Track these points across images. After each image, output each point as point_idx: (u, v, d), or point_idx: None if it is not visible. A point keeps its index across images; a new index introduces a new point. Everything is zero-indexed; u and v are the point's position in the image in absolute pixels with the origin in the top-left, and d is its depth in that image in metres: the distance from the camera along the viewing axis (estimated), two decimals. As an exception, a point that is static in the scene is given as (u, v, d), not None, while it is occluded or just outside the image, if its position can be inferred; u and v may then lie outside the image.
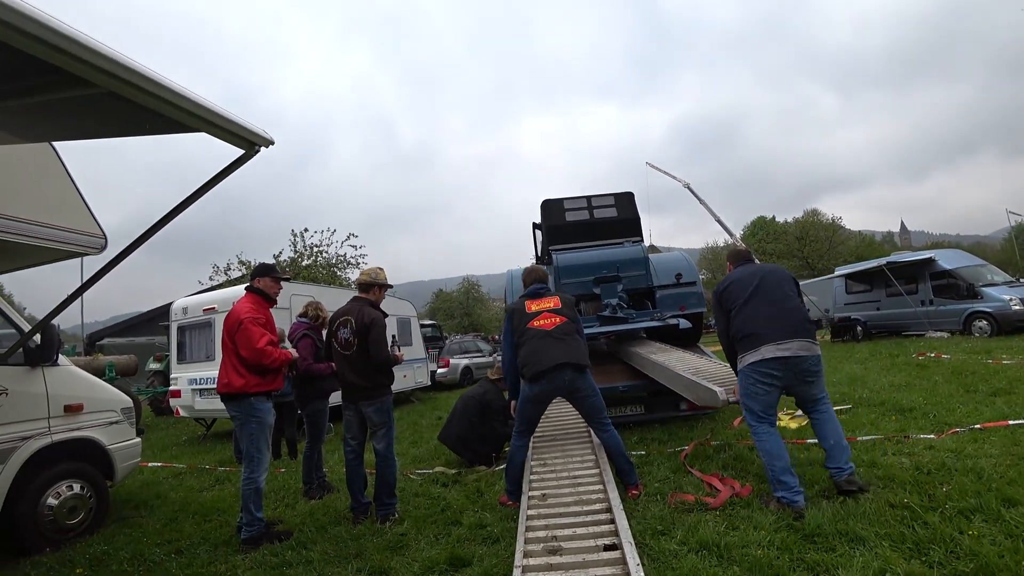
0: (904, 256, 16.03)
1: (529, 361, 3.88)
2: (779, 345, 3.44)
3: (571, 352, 3.86)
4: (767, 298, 3.63)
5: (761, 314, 3.56)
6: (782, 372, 3.46)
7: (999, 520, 2.89)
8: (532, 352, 3.90)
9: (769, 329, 3.49)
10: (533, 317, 4.04)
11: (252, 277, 4.10)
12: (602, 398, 4.02)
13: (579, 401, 3.99)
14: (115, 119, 2.11)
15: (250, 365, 3.73)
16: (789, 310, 3.59)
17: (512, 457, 4.03)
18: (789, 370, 3.46)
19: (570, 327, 4.00)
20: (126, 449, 4.49)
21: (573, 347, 3.90)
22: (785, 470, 3.37)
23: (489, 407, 5.42)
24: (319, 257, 21.30)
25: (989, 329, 12.47)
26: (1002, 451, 4.02)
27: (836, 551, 2.73)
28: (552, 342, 3.89)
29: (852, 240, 52.41)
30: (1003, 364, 8.04)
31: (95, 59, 1.49)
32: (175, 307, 9.22)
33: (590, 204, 8.30)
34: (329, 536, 3.66)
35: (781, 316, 3.54)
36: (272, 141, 2.01)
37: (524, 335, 3.99)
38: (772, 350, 3.44)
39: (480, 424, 5.34)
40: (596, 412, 3.98)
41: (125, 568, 3.36)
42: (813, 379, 3.54)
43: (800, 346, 3.45)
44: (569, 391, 3.90)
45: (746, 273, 3.84)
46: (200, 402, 8.35)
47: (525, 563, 2.68)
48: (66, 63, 1.51)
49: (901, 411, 5.73)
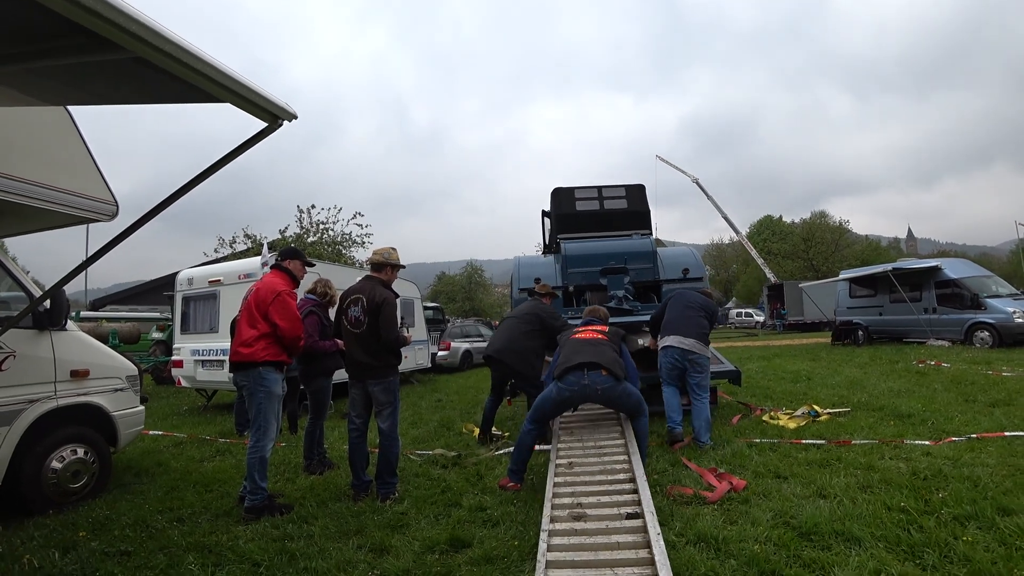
0: (910, 263, 15.99)
1: (561, 360, 4.25)
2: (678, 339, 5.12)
3: (600, 355, 4.13)
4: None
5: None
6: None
7: (993, 528, 2.92)
8: (565, 353, 4.30)
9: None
10: (578, 333, 4.57)
11: (281, 258, 4.26)
12: (638, 396, 4.21)
13: (618, 406, 4.27)
14: (139, 86, 2.10)
15: (280, 335, 3.86)
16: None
17: (521, 440, 4.11)
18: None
19: (607, 342, 4.35)
20: (130, 416, 4.53)
21: (603, 352, 4.18)
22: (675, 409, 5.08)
23: (545, 316, 5.48)
24: (325, 235, 21.29)
25: (991, 340, 12.47)
26: (998, 461, 4.04)
27: (832, 550, 2.76)
28: (584, 346, 4.28)
29: (858, 244, 52.27)
30: (1003, 376, 8.06)
31: (127, 23, 1.48)
32: (181, 277, 9.25)
33: (601, 194, 8.27)
34: (330, 511, 3.70)
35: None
36: (295, 115, 2.00)
37: (565, 344, 4.46)
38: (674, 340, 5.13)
39: (540, 335, 5.36)
40: (634, 408, 4.17)
41: (127, 533, 3.40)
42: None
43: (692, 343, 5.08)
44: (605, 400, 4.15)
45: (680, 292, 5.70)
46: (202, 373, 8.40)
47: (552, 527, 2.80)
48: (97, 25, 1.50)
49: (899, 417, 5.75)
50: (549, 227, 9.12)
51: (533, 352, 5.33)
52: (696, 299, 5.45)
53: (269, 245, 13.25)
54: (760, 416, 6.16)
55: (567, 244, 7.54)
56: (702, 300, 5.47)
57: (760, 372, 10.39)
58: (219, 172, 2.22)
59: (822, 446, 4.71)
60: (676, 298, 5.53)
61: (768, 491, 3.67)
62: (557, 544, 2.67)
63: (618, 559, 2.51)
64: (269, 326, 3.87)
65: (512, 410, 7.40)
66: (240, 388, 4.01)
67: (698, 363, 5.11)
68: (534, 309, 5.60)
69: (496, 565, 2.81)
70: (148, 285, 23.03)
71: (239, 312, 4.17)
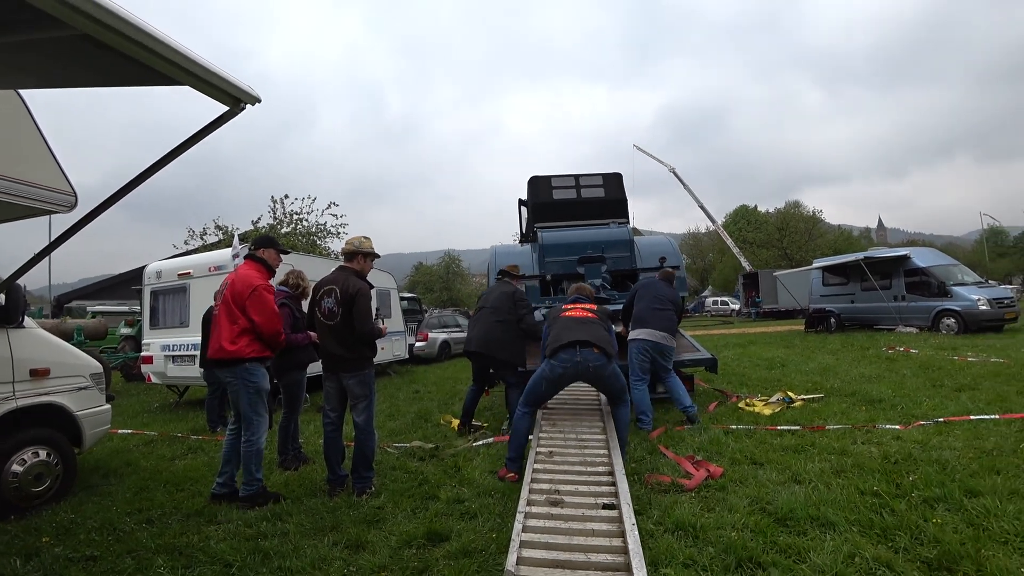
0: (881, 252, 16.38)
1: (552, 338, 4.22)
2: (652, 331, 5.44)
3: (593, 333, 4.11)
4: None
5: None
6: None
7: (961, 509, 3.00)
8: (556, 332, 4.26)
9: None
10: (567, 311, 4.51)
11: (255, 247, 4.12)
12: (624, 380, 4.24)
13: (604, 387, 4.20)
14: (90, 67, 1.98)
15: (258, 331, 3.76)
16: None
17: (516, 424, 4.13)
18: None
19: (597, 320, 4.32)
20: (95, 416, 4.37)
21: (595, 330, 4.17)
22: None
23: (519, 299, 5.45)
24: (299, 225, 20.90)
25: (956, 327, 12.85)
26: (965, 444, 4.16)
27: (808, 535, 2.80)
28: (575, 325, 4.24)
29: (831, 233, 53.37)
30: (968, 361, 8.31)
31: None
32: (149, 271, 8.97)
33: (578, 183, 8.24)
34: (305, 508, 3.63)
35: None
36: (259, 99, 1.91)
37: (555, 322, 4.41)
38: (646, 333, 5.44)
39: (514, 321, 5.31)
40: (619, 393, 4.16)
41: (93, 537, 3.28)
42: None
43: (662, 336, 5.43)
44: (595, 378, 4.11)
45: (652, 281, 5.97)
46: (173, 368, 8.18)
47: (528, 510, 2.80)
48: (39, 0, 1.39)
49: (870, 402, 5.89)
50: (526, 216, 9.08)
51: (511, 339, 5.30)
52: (664, 292, 5.73)
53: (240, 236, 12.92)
54: (736, 403, 6.24)
55: (544, 233, 7.51)
56: (670, 293, 5.77)
57: (736, 359, 10.55)
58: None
59: (797, 432, 4.79)
60: (644, 288, 5.75)
61: (745, 477, 3.71)
62: (533, 526, 2.68)
63: (592, 545, 2.51)
64: (248, 321, 3.77)
65: (490, 400, 7.37)
66: (224, 384, 3.93)
67: (666, 353, 5.50)
68: (502, 296, 5.46)
69: (474, 559, 2.78)
70: (116, 279, 22.38)
71: (216, 306, 4.04)
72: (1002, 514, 2.87)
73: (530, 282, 7.17)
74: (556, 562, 2.40)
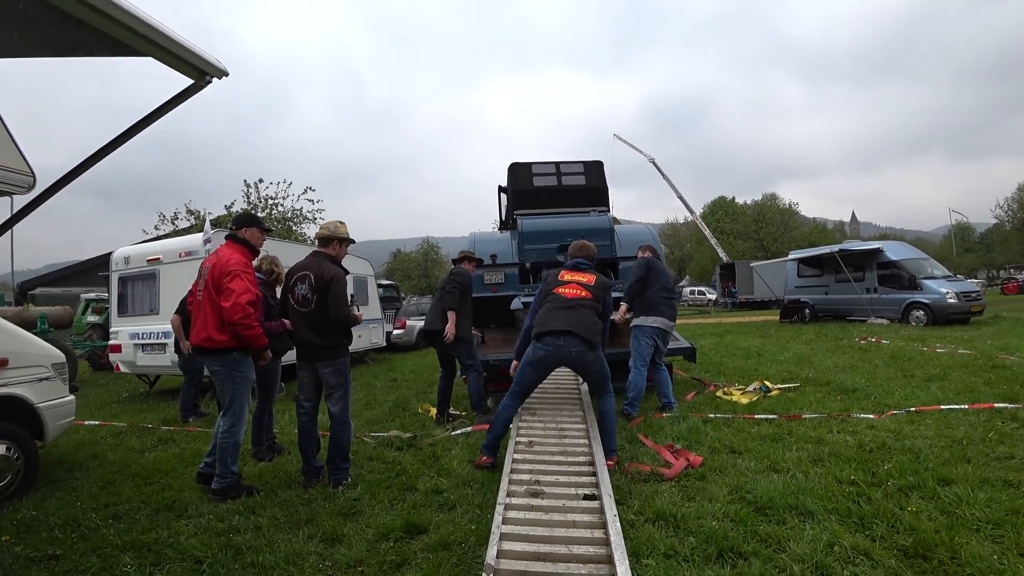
0: (855, 245, 16.72)
1: (539, 322, 4.07)
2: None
3: (578, 322, 3.94)
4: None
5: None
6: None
7: (935, 497, 3.05)
8: (544, 314, 4.09)
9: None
10: (561, 284, 4.22)
11: (236, 226, 3.92)
12: (608, 370, 4.11)
13: (587, 373, 4.12)
14: (45, 34, 1.84)
15: (223, 316, 3.58)
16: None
17: (499, 414, 4.02)
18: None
19: (589, 303, 4.11)
20: (58, 407, 4.18)
21: (583, 318, 3.98)
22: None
23: (450, 276, 5.57)
24: (274, 210, 20.46)
25: (925, 319, 13.18)
26: (936, 433, 4.24)
27: (787, 524, 2.81)
28: (565, 310, 4.03)
29: (806, 226, 54.35)
30: (937, 352, 8.51)
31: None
32: (116, 256, 8.66)
33: (559, 170, 8.17)
34: (279, 500, 3.53)
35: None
36: (226, 72, 1.79)
37: (545, 299, 4.20)
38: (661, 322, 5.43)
39: (464, 303, 5.43)
40: (602, 382, 4.06)
41: (56, 535, 3.13)
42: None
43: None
44: (577, 364, 4.00)
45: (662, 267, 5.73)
46: (143, 357, 7.94)
47: (508, 501, 2.77)
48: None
49: (845, 392, 5.99)
50: (506, 203, 8.98)
51: (447, 314, 5.37)
52: (670, 281, 5.75)
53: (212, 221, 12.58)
54: (714, 392, 6.29)
55: (524, 220, 7.44)
56: (671, 282, 5.84)
57: (713, 348, 10.66)
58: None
59: (774, 421, 4.84)
60: (655, 273, 5.57)
61: (724, 466, 3.73)
62: (513, 518, 2.64)
63: (574, 536, 2.48)
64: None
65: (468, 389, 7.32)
66: (199, 374, 3.78)
67: (667, 342, 5.61)
68: (447, 278, 5.67)
69: (453, 551, 2.73)
70: (82, 265, 21.64)
71: (200, 292, 3.82)
72: (974, 502, 2.93)
73: (509, 269, 7.09)
74: (537, 554, 2.37)
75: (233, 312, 3.53)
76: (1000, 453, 3.70)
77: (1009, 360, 7.33)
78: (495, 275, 7.07)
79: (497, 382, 5.88)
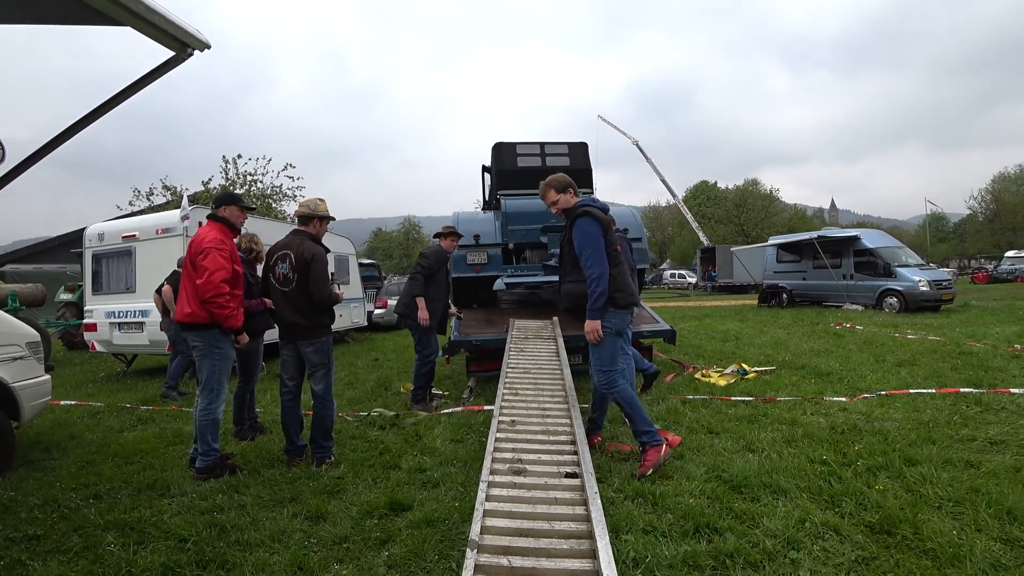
0: (833, 232, 17.02)
1: (624, 289, 3.51)
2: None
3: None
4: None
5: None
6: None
7: (901, 477, 3.17)
8: (625, 279, 3.56)
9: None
10: (616, 242, 3.62)
11: (216, 204, 3.90)
12: None
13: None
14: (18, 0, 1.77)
15: (197, 293, 3.57)
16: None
17: (632, 399, 3.52)
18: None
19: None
20: (33, 387, 4.10)
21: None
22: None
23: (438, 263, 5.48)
24: (253, 187, 20.07)
25: (898, 306, 13.53)
26: (904, 416, 4.39)
27: (761, 501, 2.91)
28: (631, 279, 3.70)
29: (786, 212, 55.05)
30: (908, 338, 8.77)
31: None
32: (89, 232, 8.45)
33: (543, 151, 8.15)
34: (263, 479, 3.54)
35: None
36: (208, 44, 1.75)
37: (615, 257, 3.52)
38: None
39: (433, 286, 5.39)
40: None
41: (36, 515, 3.10)
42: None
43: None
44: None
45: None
46: (119, 336, 7.81)
47: (491, 479, 2.78)
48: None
49: (819, 375, 6.15)
50: (489, 183, 8.94)
51: (407, 294, 5.39)
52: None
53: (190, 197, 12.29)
54: (692, 374, 6.42)
55: (508, 201, 7.43)
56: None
57: (692, 331, 10.83)
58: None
59: (750, 403, 4.97)
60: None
61: (701, 446, 3.83)
62: (496, 495, 2.68)
63: (556, 513, 2.53)
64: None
65: (451, 368, 7.36)
66: (193, 348, 3.75)
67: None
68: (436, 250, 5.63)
69: (437, 528, 2.78)
70: (53, 242, 21.01)
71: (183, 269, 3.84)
72: (937, 481, 3.05)
73: (492, 250, 7.09)
74: (520, 530, 2.41)
75: (205, 289, 3.54)
76: (963, 435, 3.86)
77: (976, 347, 7.59)
78: (478, 255, 7.06)
79: (480, 362, 5.90)
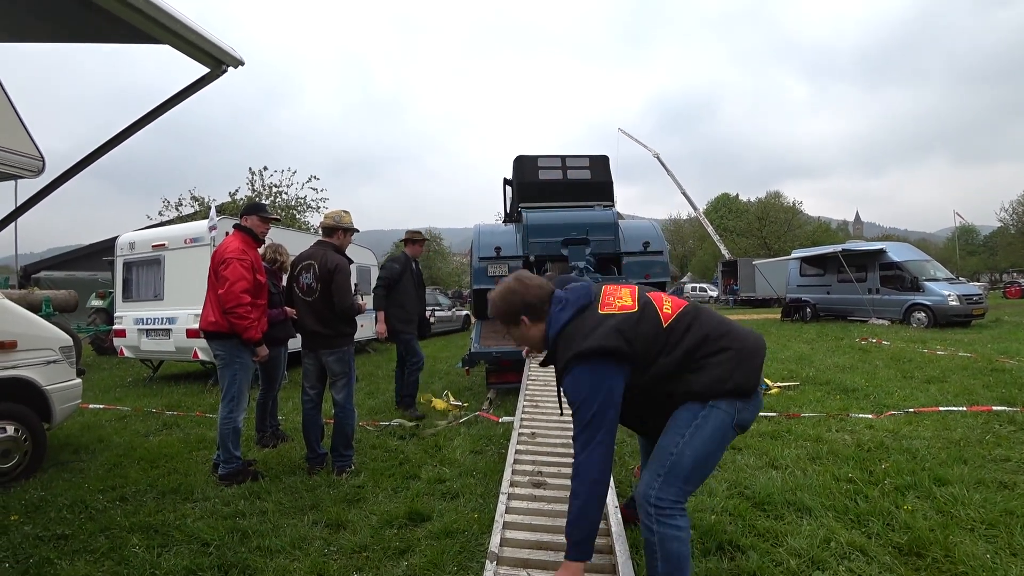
0: (858, 245, 16.70)
1: (745, 359, 2.59)
2: None
3: None
4: None
5: None
6: None
7: (931, 497, 3.08)
8: (742, 345, 2.76)
9: None
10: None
11: (240, 215, 4.03)
12: None
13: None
14: (60, 20, 1.86)
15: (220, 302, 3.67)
16: None
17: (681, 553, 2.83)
18: None
19: None
20: (65, 390, 4.23)
21: None
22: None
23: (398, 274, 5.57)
24: (278, 198, 20.49)
25: (926, 320, 13.19)
26: (934, 434, 4.27)
27: (785, 519, 2.85)
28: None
29: (809, 225, 54.21)
30: (937, 355, 8.54)
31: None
32: (121, 241, 8.70)
33: (564, 164, 8.19)
34: (284, 486, 3.58)
35: None
36: (242, 61, 1.81)
37: (732, 328, 2.81)
38: None
39: (398, 294, 5.48)
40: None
41: (64, 515, 3.19)
42: None
43: None
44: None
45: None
46: (147, 343, 7.99)
47: (511, 491, 2.78)
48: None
49: (844, 391, 6.02)
50: (511, 195, 8.99)
51: (389, 307, 5.46)
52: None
53: (218, 208, 12.57)
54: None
55: (529, 213, 7.46)
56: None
57: (714, 347, 10.67)
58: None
59: (774, 418, 4.88)
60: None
61: (723, 462, 3.76)
62: (516, 507, 2.68)
63: (576, 527, 2.52)
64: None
65: (471, 380, 7.37)
66: (216, 357, 3.84)
67: None
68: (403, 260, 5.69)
69: (456, 539, 2.78)
70: (86, 250, 21.65)
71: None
72: (969, 502, 2.96)
73: (513, 262, 7.13)
74: (540, 543, 2.40)
75: (227, 299, 3.64)
76: (996, 455, 3.74)
77: (1009, 364, 7.35)
78: (499, 267, 7.10)
79: (500, 374, 5.92)
